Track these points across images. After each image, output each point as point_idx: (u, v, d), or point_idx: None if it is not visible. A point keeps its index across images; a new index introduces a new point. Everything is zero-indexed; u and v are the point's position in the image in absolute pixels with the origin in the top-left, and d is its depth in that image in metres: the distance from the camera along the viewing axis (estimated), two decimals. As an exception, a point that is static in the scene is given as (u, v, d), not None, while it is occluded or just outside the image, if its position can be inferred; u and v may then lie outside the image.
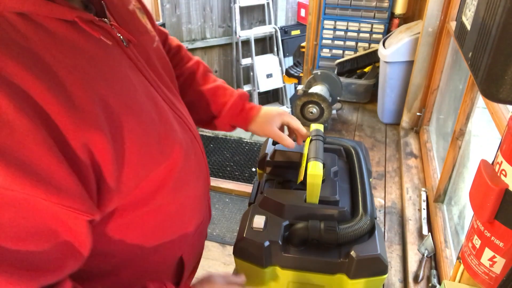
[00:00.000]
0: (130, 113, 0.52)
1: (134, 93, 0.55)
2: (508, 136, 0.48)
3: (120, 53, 0.56)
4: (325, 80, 1.58)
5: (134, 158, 0.53)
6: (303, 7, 3.83)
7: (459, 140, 1.06)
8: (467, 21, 0.60)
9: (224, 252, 2.24)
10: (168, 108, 0.64)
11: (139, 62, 0.60)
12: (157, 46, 0.70)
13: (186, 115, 0.71)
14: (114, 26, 0.56)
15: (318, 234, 0.73)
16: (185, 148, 0.65)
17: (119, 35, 0.57)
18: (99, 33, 0.52)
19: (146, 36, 0.66)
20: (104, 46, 0.53)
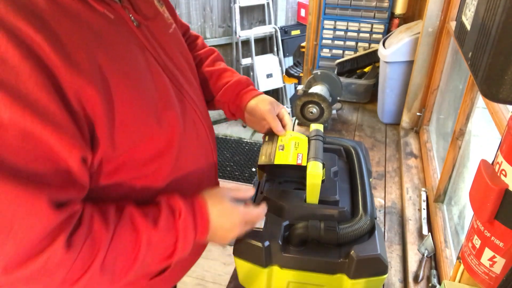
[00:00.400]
0: (126, 79, 0.59)
1: (134, 64, 0.62)
2: (508, 136, 0.48)
3: (128, 31, 0.63)
4: (325, 80, 1.58)
5: (127, 119, 0.59)
6: (303, 7, 3.83)
7: (459, 140, 1.06)
8: (467, 21, 0.60)
9: (224, 252, 2.24)
10: (172, 86, 0.70)
11: (148, 42, 0.67)
12: (174, 32, 0.77)
13: (194, 97, 0.76)
14: (127, 8, 0.64)
15: (318, 234, 0.73)
16: (184, 126, 0.71)
17: (130, 16, 0.64)
18: (103, 7, 0.59)
19: (161, 22, 0.74)
20: (108, 20, 0.60)
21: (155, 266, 0.65)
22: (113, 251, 0.57)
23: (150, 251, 0.61)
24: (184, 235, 0.64)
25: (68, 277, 0.54)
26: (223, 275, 2.11)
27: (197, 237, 0.67)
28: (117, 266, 0.58)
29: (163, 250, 0.63)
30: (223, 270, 2.14)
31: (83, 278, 0.55)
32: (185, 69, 0.76)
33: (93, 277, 0.55)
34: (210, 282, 2.08)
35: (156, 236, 0.61)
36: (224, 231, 0.70)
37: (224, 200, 0.70)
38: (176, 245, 0.64)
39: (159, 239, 0.62)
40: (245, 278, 0.82)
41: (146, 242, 0.60)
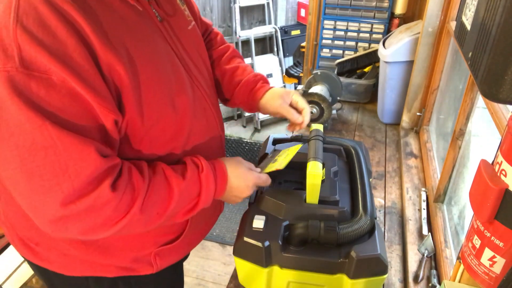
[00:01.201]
0: (149, 62, 0.66)
1: (156, 51, 0.69)
2: (508, 136, 0.48)
3: (152, 23, 0.70)
4: (325, 80, 1.58)
5: (150, 95, 0.66)
6: (303, 7, 3.83)
7: (459, 140, 1.06)
8: (467, 21, 0.60)
9: (224, 252, 2.24)
10: (187, 76, 0.76)
11: (168, 35, 0.74)
12: (192, 29, 0.84)
13: (205, 87, 0.83)
14: (152, 3, 0.71)
15: (318, 234, 0.73)
16: (195, 113, 0.77)
17: (154, 11, 0.71)
18: (133, 0, 0.66)
19: (181, 18, 0.81)
20: (137, 12, 0.67)
21: (181, 216, 0.73)
22: (150, 197, 0.65)
23: (180, 200, 0.69)
24: (206, 188, 0.73)
25: (112, 216, 0.62)
26: (223, 275, 2.11)
27: (217, 191, 0.75)
28: (153, 210, 0.66)
29: (189, 200, 0.72)
30: (223, 270, 2.14)
31: (124, 219, 0.63)
32: (199, 62, 0.83)
33: (133, 218, 0.63)
34: (210, 282, 2.08)
35: (184, 186, 0.70)
36: (239, 191, 0.79)
37: (240, 166, 0.80)
38: (199, 197, 0.72)
39: (187, 189, 0.70)
40: (245, 278, 0.82)
41: (177, 191, 0.68)
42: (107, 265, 0.81)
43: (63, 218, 0.59)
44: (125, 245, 0.80)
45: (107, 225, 0.62)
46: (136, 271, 0.84)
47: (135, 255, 0.82)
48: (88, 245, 0.78)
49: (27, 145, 0.54)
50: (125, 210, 0.63)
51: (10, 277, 1.99)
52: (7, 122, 0.53)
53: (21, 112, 0.52)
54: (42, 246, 0.80)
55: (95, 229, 0.62)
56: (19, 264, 2.05)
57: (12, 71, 0.51)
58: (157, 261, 0.84)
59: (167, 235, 0.84)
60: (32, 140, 0.54)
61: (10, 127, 0.53)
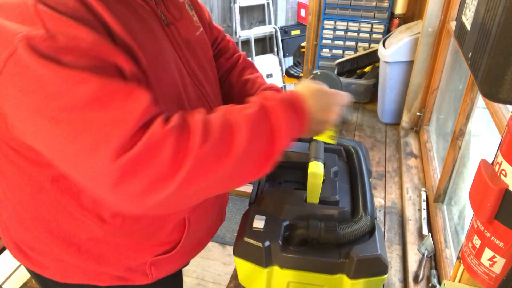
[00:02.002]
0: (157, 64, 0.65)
1: (163, 52, 0.68)
2: (508, 136, 0.48)
3: (159, 26, 0.69)
4: (325, 80, 1.58)
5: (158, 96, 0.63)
6: (303, 7, 3.83)
7: (459, 140, 1.06)
8: (467, 21, 0.60)
9: (224, 252, 2.24)
10: (191, 82, 0.75)
11: (174, 40, 0.72)
12: (201, 35, 0.82)
13: (211, 95, 0.81)
14: (159, 6, 0.70)
15: (318, 234, 0.73)
16: None
17: (161, 14, 0.70)
18: (142, 1, 0.66)
19: (189, 24, 0.79)
20: (149, 13, 0.67)
21: (262, 158, 0.62)
22: (211, 129, 0.58)
23: (248, 132, 0.59)
24: (276, 113, 0.62)
25: (175, 156, 0.54)
26: (223, 275, 2.11)
27: (295, 117, 0.65)
28: (218, 145, 0.57)
29: (261, 132, 0.61)
30: (223, 270, 2.14)
31: (188, 156, 0.55)
32: (205, 70, 0.81)
33: (198, 154, 0.55)
34: (210, 282, 2.08)
35: (246, 116, 0.61)
36: (323, 112, 0.71)
37: (311, 83, 0.75)
38: (272, 128, 0.62)
39: (253, 120, 0.61)
40: (245, 278, 0.82)
41: (242, 121, 0.60)
42: (101, 273, 0.79)
43: (123, 175, 0.53)
44: (120, 253, 0.78)
45: (172, 171, 0.54)
46: (131, 281, 0.81)
47: (129, 264, 0.79)
48: (82, 252, 0.76)
49: (71, 103, 0.52)
50: (185, 145, 0.55)
51: (10, 277, 1.99)
52: (45, 89, 0.51)
53: (58, 72, 0.51)
54: (36, 251, 0.79)
55: (160, 179, 0.54)
56: (19, 264, 2.05)
57: (39, 39, 0.51)
58: (152, 271, 0.82)
59: (164, 245, 0.81)
60: (75, 97, 0.52)
61: (49, 92, 0.52)
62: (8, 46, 0.50)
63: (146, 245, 0.79)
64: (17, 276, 1.99)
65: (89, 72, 0.52)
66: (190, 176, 0.55)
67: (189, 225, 0.80)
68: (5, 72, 0.51)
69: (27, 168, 0.68)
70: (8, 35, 0.51)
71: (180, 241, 0.82)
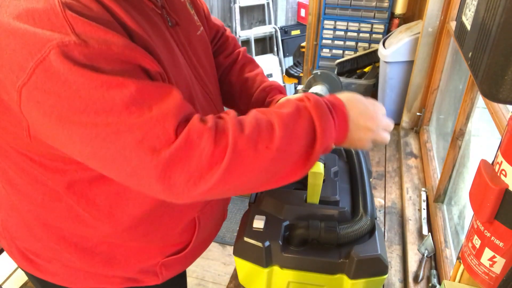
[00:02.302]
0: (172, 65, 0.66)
1: (174, 54, 0.69)
2: (508, 136, 0.48)
3: (165, 28, 0.69)
4: (325, 80, 1.58)
5: None
6: (303, 7, 3.83)
7: (459, 140, 1.06)
8: (467, 21, 0.60)
9: (224, 252, 2.24)
10: (197, 83, 0.76)
11: (179, 41, 0.73)
12: (201, 34, 0.82)
13: (214, 93, 0.82)
14: (164, 8, 0.70)
15: (318, 234, 0.73)
16: None
17: (166, 15, 0.70)
18: (151, 4, 0.67)
19: (191, 24, 0.79)
20: (157, 15, 0.68)
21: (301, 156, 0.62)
22: (249, 125, 0.59)
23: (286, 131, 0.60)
24: (319, 118, 0.62)
25: (215, 150, 0.56)
26: (223, 275, 2.11)
27: (337, 122, 0.64)
28: (258, 140, 0.58)
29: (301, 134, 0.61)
30: (223, 270, 2.14)
31: (228, 149, 0.56)
32: (206, 69, 0.82)
33: (236, 147, 0.56)
34: (210, 282, 2.08)
35: (286, 116, 0.61)
36: (365, 128, 0.68)
37: (358, 97, 0.71)
38: (315, 130, 0.62)
39: (293, 120, 0.61)
40: (245, 278, 0.82)
41: (279, 120, 0.60)
42: (112, 277, 0.79)
43: (166, 168, 0.55)
44: (131, 256, 0.78)
45: (212, 163, 0.56)
46: (142, 282, 0.82)
47: (141, 266, 0.80)
48: (94, 255, 0.76)
49: (108, 108, 0.52)
50: (225, 141, 0.56)
51: (10, 277, 1.99)
52: (79, 95, 0.51)
53: (92, 78, 0.51)
54: (43, 258, 0.79)
55: (202, 172, 0.56)
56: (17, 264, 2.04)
57: (71, 45, 0.50)
58: (162, 271, 0.83)
59: (174, 246, 0.82)
60: (111, 102, 0.52)
61: (84, 98, 0.52)
62: (37, 54, 0.50)
63: (157, 246, 0.80)
64: (17, 276, 1.99)
65: (123, 76, 0.53)
66: (230, 169, 0.56)
67: (199, 224, 0.81)
68: (33, 80, 0.51)
69: (40, 176, 0.68)
70: (37, 42, 0.50)
71: (191, 241, 0.83)
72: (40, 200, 0.71)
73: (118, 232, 0.74)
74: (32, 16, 0.51)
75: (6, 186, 0.73)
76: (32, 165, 0.66)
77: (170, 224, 0.78)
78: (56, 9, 0.51)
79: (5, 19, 0.51)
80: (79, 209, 0.70)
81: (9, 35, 0.51)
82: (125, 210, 0.71)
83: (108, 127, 0.53)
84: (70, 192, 0.68)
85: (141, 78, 0.56)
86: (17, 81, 0.51)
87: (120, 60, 0.54)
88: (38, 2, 0.51)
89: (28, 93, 0.51)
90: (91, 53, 0.51)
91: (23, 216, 0.76)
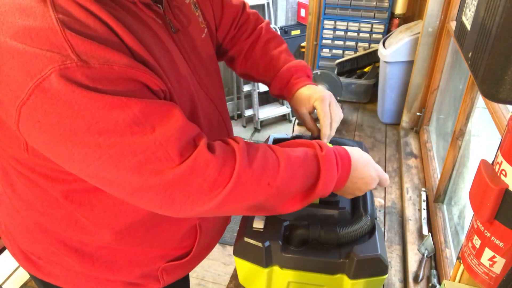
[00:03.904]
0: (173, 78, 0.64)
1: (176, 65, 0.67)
2: (508, 136, 0.48)
3: (167, 35, 0.68)
4: (325, 80, 1.58)
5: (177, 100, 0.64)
6: (303, 7, 3.83)
7: (459, 140, 1.06)
8: (467, 21, 0.60)
9: (224, 252, 2.24)
10: (201, 90, 0.75)
11: (182, 47, 0.72)
12: (206, 37, 0.81)
13: (217, 99, 0.81)
14: (167, 14, 0.69)
15: (318, 234, 0.73)
16: (210, 124, 0.76)
17: (169, 21, 0.69)
18: (152, 13, 0.65)
19: (196, 27, 0.78)
20: (158, 24, 0.66)
21: (298, 198, 0.66)
22: (255, 158, 0.61)
23: (291, 171, 0.63)
24: (326, 168, 0.66)
25: (218, 179, 0.58)
26: (223, 275, 2.11)
27: (340, 175, 0.68)
28: (261, 174, 0.61)
29: (304, 176, 0.65)
30: (223, 270, 2.14)
31: (232, 179, 0.58)
32: (210, 73, 0.81)
33: (239, 179, 0.58)
34: (210, 282, 2.08)
35: (295, 158, 0.64)
36: (363, 182, 0.73)
37: (363, 154, 0.76)
38: (319, 177, 0.66)
39: (300, 163, 0.64)
40: (245, 278, 0.82)
41: (285, 160, 0.63)
42: (113, 281, 0.79)
43: (168, 188, 0.56)
44: (133, 260, 0.78)
45: (214, 191, 0.58)
46: (143, 287, 0.82)
47: (142, 271, 0.80)
48: (94, 260, 0.76)
49: (110, 128, 0.52)
50: (229, 171, 0.58)
51: (10, 277, 1.99)
52: (82, 115, 0.51)
53: (96, 99, 0.50)
54: (44, 260, 0.79)
55: (202, 197, 0.58)
56: (19, 265, 2.04)
57: (73, 67, 0.49)
58: (164, 276, 0.82)
59: (176, 250, 0.82)
60: (114, 122, 0.52)
61: (86, 118, 0.51)
62: (36, 74, 0.49)
63: (158, 252, 0.80)
64: (17, 276, 1.99)
65: (126, 96, 0.53)
66: (230, 196, 0.58)
67: (200, 231, 0.81)
68: (33, 99, 0.50)
69: (41, 184, 0.67)
70: (38, 63, 0.49)
71: (193, 247, 0.82)
72: (39, 206, 0.71)
73: (118, 238, 0.73)
74: (30, 35, 0.49)
75: (8, 190, 0.73)
76: (30, 173, 0.66)
77: (170, 230, 0.77)
78: (55, 28, 0.49)
79: (2, 38, 0.49)
80: (79, 216, 0.70)
81: (6, 53, 0.49)
82: (124, 217, 0.71)
83: (111, 148, 0.53)
84: (68, 200, 0.68)
85: (143, 96, 0.55)
86: (16, 100, 0.50)
87: (122, 78, 0.53)
88: (35, 20, 0.49)
89: (28, 112, 0.51)
90: (93, 73, 0.50)
91: (23, 221, 0.76)
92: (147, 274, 0.81)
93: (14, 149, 0.62)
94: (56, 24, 0.50)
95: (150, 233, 0.75)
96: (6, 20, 0.50)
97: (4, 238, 0.84)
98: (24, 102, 0.50)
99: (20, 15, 0.49)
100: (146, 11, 0.63)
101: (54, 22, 0.50)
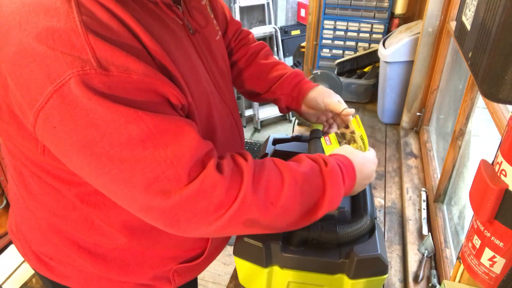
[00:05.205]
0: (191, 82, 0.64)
1: (195, 67, 0.68)
2: (508, 136, 0.48)
3: (185, 36, 0.68)
4: (325, 80, 1.58)
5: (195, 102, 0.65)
6: (303, 7, 3.83)
7: (459, 140, 1.06)
8: (467, 21, 0.60)
9: (224, 252, 2.23)
10: (216, 92, 0.76)
11: (199, 48, 0.72)
12: (219, 39, 0.83)
13: (231, 101, 0.82)
14: (185, 15, 0.69)
15: (318, 234, 0.73)
16: (223, 125, 0.77)
17: (187, 22, 0.69)
18: (173, 14, 0.65)
19: (211, 29, 0.79)
20: (178, 25, 0.66)
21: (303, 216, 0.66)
22: (260, 178, 0.61)
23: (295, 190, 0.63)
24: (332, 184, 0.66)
25: (224, 200, 0.57)
26: (223, 275, 2.11)
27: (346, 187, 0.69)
28: (266, 195, 0.61)
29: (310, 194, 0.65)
30: (223, 270, 2.14)
31: (236, 201, 0.58)
32: (224, 74, 0.82)
33: (245, 201, 0.58)
34: (210, 282, 2.08)
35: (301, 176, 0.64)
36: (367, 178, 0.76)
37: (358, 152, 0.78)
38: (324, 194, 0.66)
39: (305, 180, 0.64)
40: (245, 278, 0.82)
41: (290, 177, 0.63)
42: (125, 282, 0.79)
43: (174, 208, 0.56)
44: (145, 262, 0.78)
45: (219, 211, 0.58)
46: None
47: (154, 272, 0.80)
48: (107, 262, 0.76)
49: (123, 141, 0.51)
50: (235, 192, 0.58)
51: (10, 277, 1.99)
52: (97, 125, 0.50)
53: (111, 110, 0.50)
54: (56, 261, 0.78)
55: (207, 217, 0.58)
56: (19, 264, 2.05)
57: (91, 74, 0.48)
58: (175, 278, 0.83)
59: (189, 252, 0.82)
60: (128, 135, 0.51)
61: (101, 128, 0.50)
62: (56, 79, 0.48)
63: (171, 253, 0.80)
64: (17, 276, 1.99)
65: (142, 110, 0.52)
66: (234, 217, 0.59)
67: None
68: (50, 104, 0.49)
69: (56, 186, 0.67)
70: (58, 67, 0.48)
71: (205, 249, 0.83)
72: (54, 207, 0.71)
73: (132, 240, 0.73)
74: (52, 36, 0.48)
75: (22, 191, 0.73)
76: (45, 175, 0.66)
77: None
78: (78, 31, 0.49)
79: (25, 39, 0.49)
80: (94, 217, 0.70)
81: (28, 56, 0.49)
82: (138, 218, 0.70)
83: (122, 164, 0.52)
84: (84, 202, 0.68)
85: (160, 110, 0.55)
86: (35, 104, 0.50)
87: (140, 88, 0.52)
88: (59, 21, 0.49)
89: (46, 117, 0.50)
90: (111, 81, 0.50)
91: (37, 221, 0.76)
92: (159, 276, 0.81)
93: (31, 151, 0.62)
94: (79, 26, 0.49)
95: (164, 234, 0.75)
96: (30, 20, 0.49)
97: (15, 239, 0.84)
98: (42, 106, 0.50)
99: (45, 15, 0.49)
100: (167, 11, 0.63)
101: (78, 24, 0.49)
